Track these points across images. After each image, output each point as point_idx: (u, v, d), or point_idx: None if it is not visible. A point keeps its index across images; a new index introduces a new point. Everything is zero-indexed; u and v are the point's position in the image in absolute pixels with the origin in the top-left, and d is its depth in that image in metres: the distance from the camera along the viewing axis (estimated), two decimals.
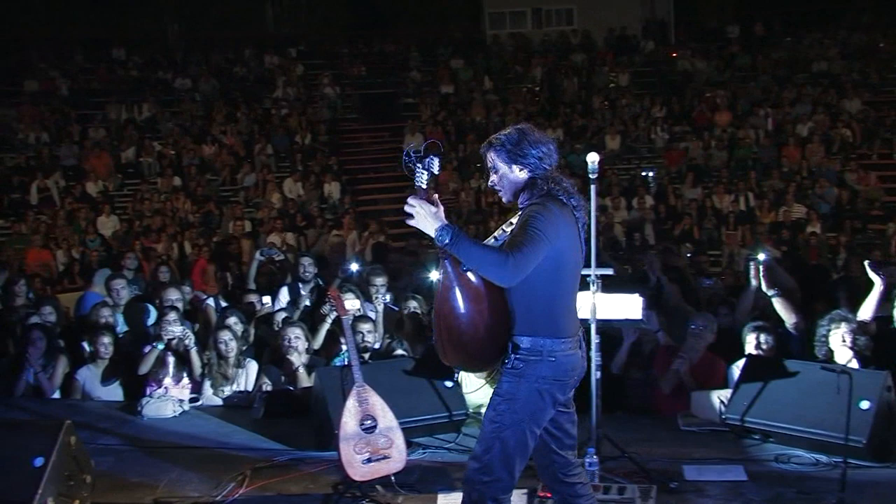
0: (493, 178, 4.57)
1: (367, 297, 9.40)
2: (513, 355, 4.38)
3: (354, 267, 10.53)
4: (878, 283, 7.71)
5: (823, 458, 6.32)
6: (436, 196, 4.30)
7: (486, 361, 4.63)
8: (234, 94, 26.46)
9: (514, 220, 4.47)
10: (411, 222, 4.27)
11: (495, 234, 4.58)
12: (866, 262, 7.91)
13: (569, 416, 4.62)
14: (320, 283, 10.47)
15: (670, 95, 25.87)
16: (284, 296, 10.13)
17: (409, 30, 33.11)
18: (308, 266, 10.34)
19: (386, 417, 5.98)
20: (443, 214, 4.26)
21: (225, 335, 8.23)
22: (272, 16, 36.16)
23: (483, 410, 7.40)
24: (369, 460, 5.84)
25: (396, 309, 9.39)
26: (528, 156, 4.45)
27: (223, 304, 10.09)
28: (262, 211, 19.64)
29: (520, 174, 4.49)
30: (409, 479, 6.11)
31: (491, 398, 4.54)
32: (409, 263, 12.51)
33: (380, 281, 9.56)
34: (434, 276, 10.53)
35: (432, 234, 4.21)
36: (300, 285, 10.22)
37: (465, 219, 18.92)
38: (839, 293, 9.29)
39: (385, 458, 5.89)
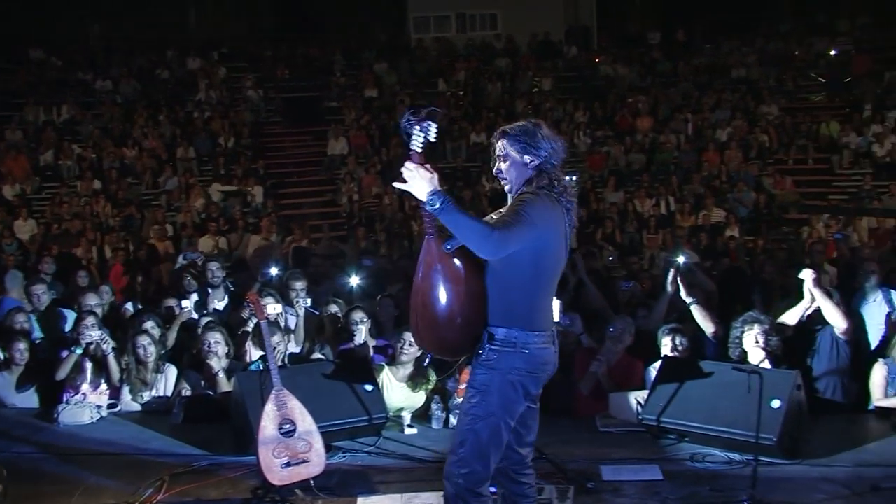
0: (502, 165, 4.59)
1: (287, 302, 9.36)
2: (487, 345, 4.42)
3: (274, 271, 10.49)
4: (808, 298, 7.85)
5: (736, 457, 6.45)
6: (428, 164, 4.24)
7: (459, 347, 4.63)
8: (156, 97, 26.14)
9: (503, 209, 4.49)
10: (404, 186, 4.23)
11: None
12: (809, 274, 7.89)
13: (533, 412, 4.66)
14: (230, 287, 10.42)
15: (593, 100, 26.09)
16: (194, 300, 10.03)
17: (333, 33, 32.98)
18: (216, 270, 10.27)
19: (305, 421, 5.98)
20: (437, 181, 4.21)
21: (143, 340, 8.14)
22: (195, 18, 35.77)
23: (403, 414, 7.51)
24: (288, 464, 5.83)
25: (317, 313, 9.38)
26: (540, 147, 4.53)
27: (140, 307, 9.98)
28: (183, 215, 19.43)
29: (529, 165, 4.54)
30: (329, 482, 6.11)
31: (465, 390, 4.58)
32: (331, 267, 12.52)
33: (299, 285, 9.49)
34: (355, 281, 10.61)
35: (424, 198, 4.18)
36: (209, 290, 10.14)
37: (388, 223, 18.90)
38: (754, 295, 9.48)
39: (304, 461, 5.89)
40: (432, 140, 4.24)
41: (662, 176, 21.82)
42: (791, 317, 7.95)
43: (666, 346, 7.80)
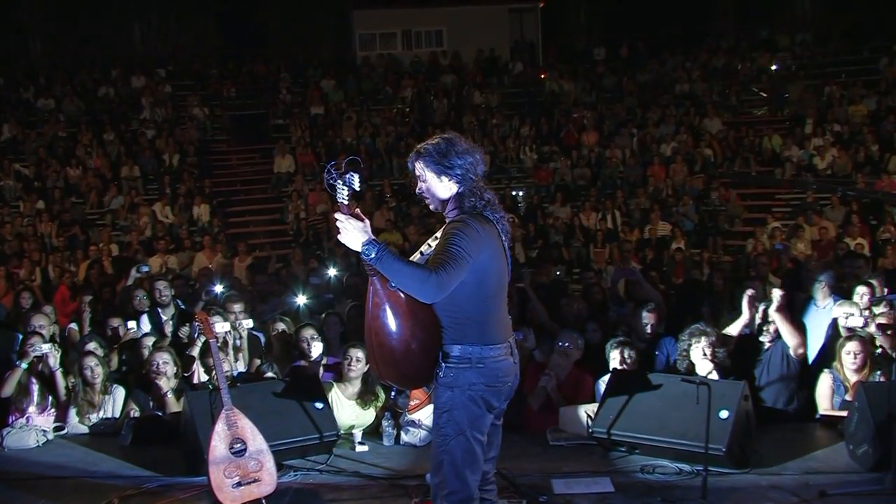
0: (421, 186, 4.58)
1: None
2: (443, 364, 4.43)
3: (219, 289, 10.42)
4: (745, 316, 7.98)
5: (686, 467, 6.49)
6: (358, 210, 4.27)
7: (421, 377, 4.63)
8: (101, 115, 25.91)
9: (439, 234, 4.49)
10: (340, 237, 4.26)
11: (421, 248, 4.60)
12: (747, 294, 8.08)
13: (497, 429, 4.68)
14: (180, 305, 10.33)
15: (539, 116, 26.25)
16: (145, 322, 9.94)
17: (279, 50, 32.97)
18: (164, 290, 10.18)
19: (256, 440, 5.94)
20: (369, 229, 4.24)
21: (90, 361, 8.04)
22: (140, 35, 35.54)
23: (354, 431, 7.48)
24: (239, 484, 5.79)
25: (259, 335, 9.30)
26: (454, 167, 4.48)
27: (87, 329, 9.86)
28: (130, 234, 19.24)
29: (448, 185, 4.51)
30: (281, 501, 6.07)
31: (433, 412, 4.57)
32: (278, 284, 12.49)
33: (237, 307, 9.37)
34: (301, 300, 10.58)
35: (359, 249, 4.21)
36: (159, 310, 10.04)
37: (336, 240, 18.81)
38: (703, 307, 9.59)
39: (255, 481, 5.85)
40: (357, 189, 4.25)
41: (609, 190, 21.99)
42: (733, 329, 8.06)
43: (615, 360, 7.84)
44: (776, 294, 7.86)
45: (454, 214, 4.49)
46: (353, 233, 4.21)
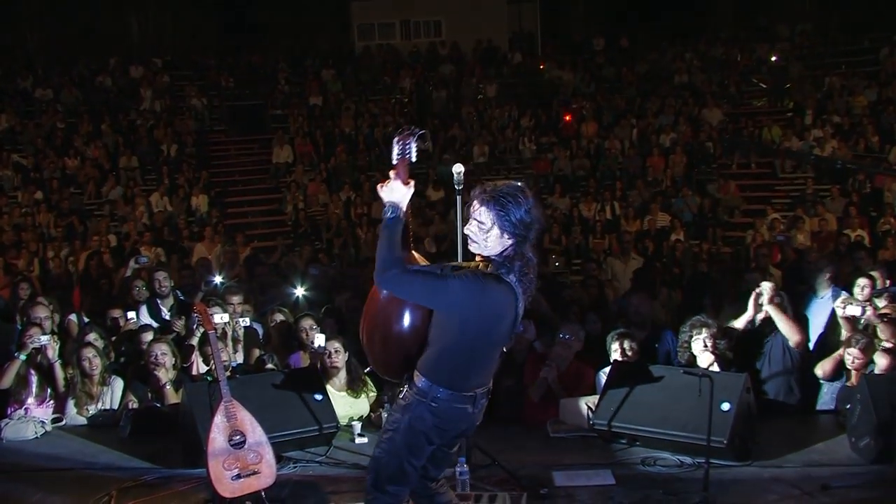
0: (475, 230, 4.37)
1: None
2: (406, 387, 4.47)
3: (218, 279, 10.39)
4: (750, 311, 7.96)
5: (688, 460, 6.49)
6: (409, 178, 4.43)
7: (393, 367, 4.63)
8: (98, 106, 25.84)
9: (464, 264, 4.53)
10: (380, 190, 4.41)
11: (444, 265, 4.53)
12: (768, 288, 8.00)
13: (446, 454, 4.71)
14: (179, 296, 10.29)
15: (537, 106, 26.19)
16: (144, 313, 9.89)
17: (277, 41, 32.88)
18: (163, 280, 10.13)
19: (255, 432, 5.91)
20: (407, 197, 4.39)
21: (88, 352, 8.02)
22: (137, 25, 35.43)
23: (354, 423, 7.46)
24: (239, 476, 5.75)
25: (258, 326, 9.27)
26: (519, 226, 4.30)
27: (86, 319, 9.81)
28: (128, 224, 19.21)
29: (504, 242, 4.33)
30: (280, 493, 6.06)
31: (384, 422, 4.66)
32: (276, 276, 12.45)
33: (236, 299, 9.37)
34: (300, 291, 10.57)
35: (385, 204, 4.38)
36: (159, 301, 10.01)
37: (335, 231, 18.81)
38: (704, 300, 9.56)
39: (255, 473, 5.81)
40: (412, 160, 4.42)
41: (608, 181, 21.94)
42: (739, 323, 8.04)
43: (616, 351, 7.82)
44: (765, 287, 7.84)
45: (484, 265, 4.41)
46: (393, 191, 4.36)
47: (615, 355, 7.80)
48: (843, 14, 30.29)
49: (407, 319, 4.44)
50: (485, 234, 4.34)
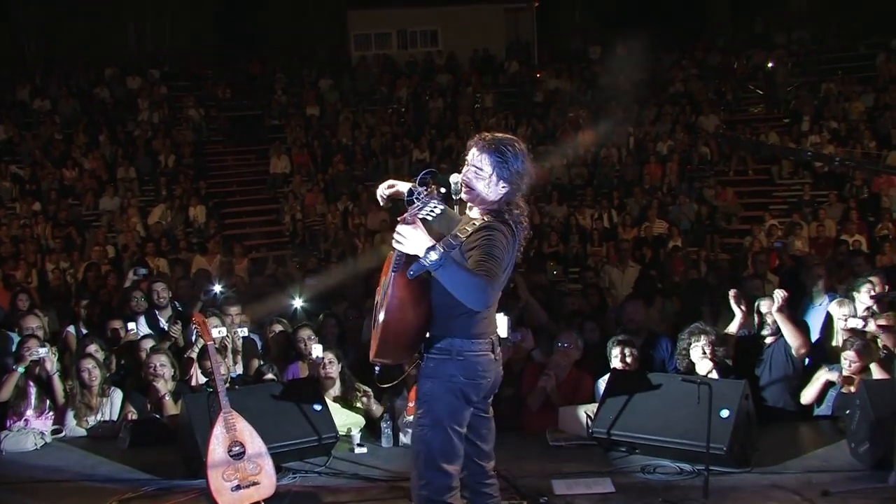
0: (472, 177, 4.50)
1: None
2: (425, 354, 4.44)
3: (217, 289, 10.38)
4: (738, 316, 7.98)
5: (687, 467, 6.48)
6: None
7: (410, 347, 4.53)
8: (96, 117, 25.85)
9: (464, 228, 4.41)
10: (397, 243, 4.20)
11: (449, 238, 4.39)
12: (731, 294, 8.12)
13: (486, 421, 4.66)
14: (177, 307, 10.28)
15: (534, 115, 26.18)
16: (143, 324, 9.88)
17: (274, 51, 32.89)
18: (161, 291, 10.11)
19: (254, 443, 5.91)
20: (423, 235, 4.16)
21: (87, 363, 8.02)
22: (135, 36, 35.45)
23: (353, 433, 7.45)
24: (238, 487, 5.76)
25: (256, 337, 9.26)
26: (514, 175, 4.46)
27: (84, 331, 9.80)
28: (125, 235, 19.20)
29: (499, 190, 4.47)
30: None
31: (415, 405, 4.58)
32: (274, 285, 12.43)
33: (234, 310, 9.36)
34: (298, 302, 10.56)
35: (421, 254, 4.10)
36: (157, 312, 10.00)
37: (333, 241, 18.81)
38: (703, 306, 9.57)
39: (254, 484, 5.82)
40: (428, 218, 4.23)
41: (605, 189, 21.94)
42: (732, 328, 8.05)
43: (616, 358, 7.81)
44: (777, 294, 7.83)
45: (487, 218, 4.43)
46: (417, 241, 4.12)
47: (615, 362, 7.78)
48: (840, 20, 30.30)
49: (412, 320, 4.40)
50: (481, 182, 4.46)
